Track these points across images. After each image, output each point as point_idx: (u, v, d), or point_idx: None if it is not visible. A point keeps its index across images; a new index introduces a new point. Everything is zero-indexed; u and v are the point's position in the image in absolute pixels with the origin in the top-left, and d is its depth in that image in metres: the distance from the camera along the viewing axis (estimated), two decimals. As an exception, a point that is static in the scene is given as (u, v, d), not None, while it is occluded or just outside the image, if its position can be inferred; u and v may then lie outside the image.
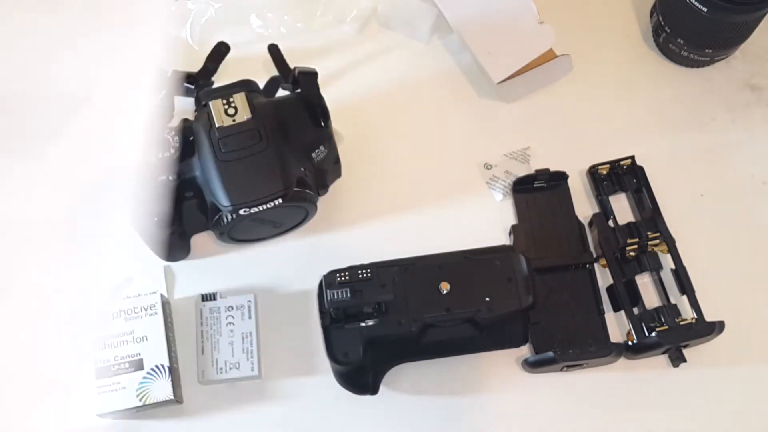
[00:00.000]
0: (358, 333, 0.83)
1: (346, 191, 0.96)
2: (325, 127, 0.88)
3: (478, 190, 0.97)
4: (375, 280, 0.81)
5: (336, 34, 1.03)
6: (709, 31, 0.95)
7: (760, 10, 0.92)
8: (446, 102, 1.01)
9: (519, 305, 0.83)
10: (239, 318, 0.90)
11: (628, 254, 0.92)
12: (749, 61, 1.02)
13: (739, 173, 0.98)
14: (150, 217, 0.85)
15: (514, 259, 0.85)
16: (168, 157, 0.85)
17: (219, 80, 0.95)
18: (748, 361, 0.90)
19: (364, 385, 0.86)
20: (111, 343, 0.86)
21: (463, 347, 0.88)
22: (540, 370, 0.88)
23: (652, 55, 1.03)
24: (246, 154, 0.83)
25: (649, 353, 0.89)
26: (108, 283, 0.92)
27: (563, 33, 0.98)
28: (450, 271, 0.84)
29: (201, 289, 0.91)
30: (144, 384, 0.85)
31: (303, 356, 0.90)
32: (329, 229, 0.95)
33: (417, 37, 1.03)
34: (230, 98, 0.84)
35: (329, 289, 0.80)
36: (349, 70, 1.01)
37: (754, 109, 1.00)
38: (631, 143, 0.97)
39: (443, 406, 0.89)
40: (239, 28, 1.02)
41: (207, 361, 0.89)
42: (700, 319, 0.88)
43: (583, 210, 0.95)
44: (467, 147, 0.98)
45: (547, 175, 0.95)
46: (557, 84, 1.01)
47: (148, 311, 0.88)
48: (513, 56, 0.97)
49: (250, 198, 0.83)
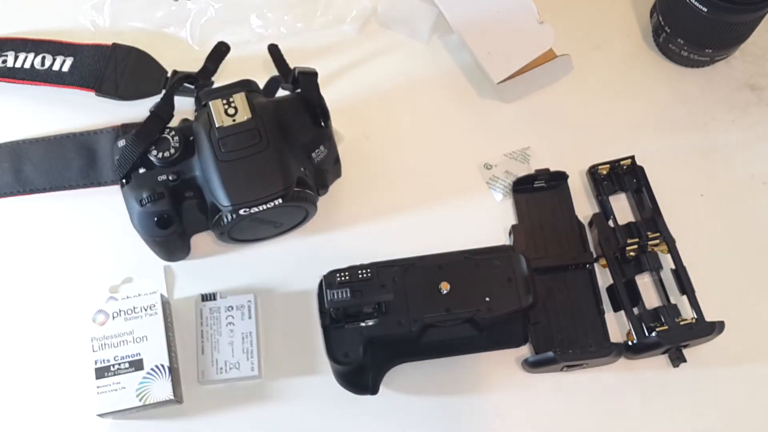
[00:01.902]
0: (358, 333, 0.83)
1: (346, 191, 0.96)
2: (325, 127, 0.88)
3: (478, 190, 0.97)
4: (375, 280, 0.81)
5: (336, 34, 1.03)
6: (709, 31, 0.95)
7: (760, 10, 0.92)
8: (446, 102, 1.01)
9: (519, 305, 0.83)
10: (239, 318, 0.90)
11: (628, 254, 0.92)
12: (749, 61, 1.02)
13: (739, 173, 0.98)
14: (150, 217, 0.85)
15: (514, 259, 0.85)
16: (168, 157, 0.85)
17: (219, 80, 0.96)
18: (748, 361, 0.90)
19: (364, 385, 0.86)
20: (111, 343, 0.87)
21: (463, 347, 0.88)
22: (540, 370, 0.88)
23: (652, 55, 1.03)
24: (246, 154, 0.83)
25: (649, 353, 0.89)
26: (108, 283, 0.92)
27: (563, 33, 0.98)
28: (450, 271, 0.84)
29: (201, 289, 0.91)
30: (144, 384, 0.85)
31: (303, 356, 0.90)
32: (329, 229, 0.95)
33: (417, 37, 1.03)
34: (230, 98, 0.84)
35: (329, 289, 0.80)
36: (349, 70, 1.01)
37: (754, 109, 1.00)
38: (631, 143, 0.97)
39: (443, 406, 0.89)
40: (239, 28, 1.02)
41: (207, 361, 0.89)
42: (700, 319, 0.88)
43: (583, 210, 0.95)
44: (467, 147, 0.98)
45: (547, 175, 0.95)
46: (557, 84, 1.01)
47: (148, 311, 0.88)
48: (513, 56, 0.97)
49: (250, 198, 0.83)
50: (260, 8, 1.03)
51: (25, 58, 0.99)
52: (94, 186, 0.96)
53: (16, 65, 0.99)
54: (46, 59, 0.99)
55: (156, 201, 0.85)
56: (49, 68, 0.99)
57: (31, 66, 0.99)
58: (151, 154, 0.85)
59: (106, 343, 0.87)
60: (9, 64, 0.99)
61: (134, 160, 0.85)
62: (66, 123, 0.98)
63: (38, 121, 0.99)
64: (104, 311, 0.88)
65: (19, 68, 0.99)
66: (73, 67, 0.99)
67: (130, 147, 0.85)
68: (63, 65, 0.99)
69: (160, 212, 0.85)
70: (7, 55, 1.00)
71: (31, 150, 0.97)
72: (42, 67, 0.99)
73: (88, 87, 0.98)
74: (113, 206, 0.92)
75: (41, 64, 0.99)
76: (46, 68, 0.99)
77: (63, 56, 0.99)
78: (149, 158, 0.85)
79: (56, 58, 0.99)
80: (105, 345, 0.86)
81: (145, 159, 0.86)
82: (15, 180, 0.96)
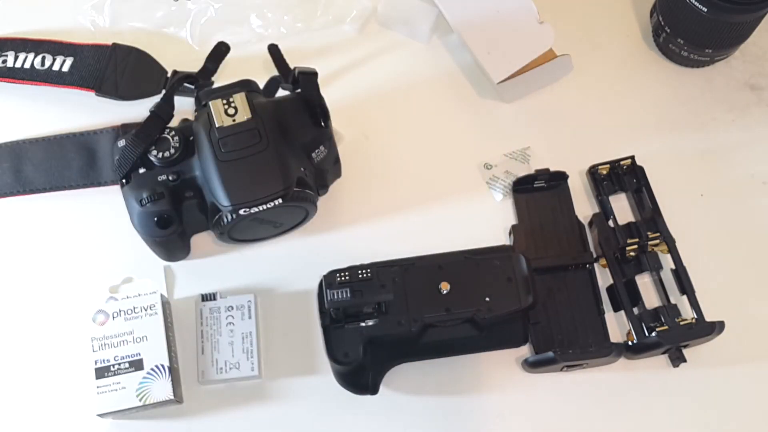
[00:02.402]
0: (358, 333, 0.83)
1: (346, 191, 0.96)
2: (325, 127, 0.88)
3: (478, 190, 0.97)
4: (375, 280, 0.81)
5: (336, 34, 1.03)
6: (709, 31, 0.95)
7: (760, 10, 0.92)
8: (446, 102, 1.01)
9: (519, 305, 0.83)
10: (239, 318, 0.90)
11: (628, 254, 0.92)
12: (749, 61, 1.02)
13: (739, 173, 0.98)
14: (150, 217, 0.85)
15: (514, 259, 0.85)
16: (168, 157, 0.85)
17: (219, 80, 0.96)
18: (748, 361, 0.90)
19: (364, 385, 0.86)
20: (111, 343, 0.87)
21: (463, 347, 0.88)
22: (540, 370, 0.88)
23: (652, 55, 1.03)
24: (246, 154, 0.83)
25: (649, 353, 0.89)
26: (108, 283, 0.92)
27: (563, 33, 0.98)
28: (450, 271, 0.84)
29: (201, 289, 0.91)
30: (144, 384, 0.85)
31: (303, 356, 0.90)
32: (329, 229, 0.95)
33: (417, 37, 1.03)
34: (230, 98, 0.84)
35: (329, 289, 0.80)
36: (349, 70, 1.01)
37: (754, 109, 1.00)
38: (631, 143, 0.97)
39: (443, 406, 0.89)
40: (239, 28, 1.02)
41: (207, 361, 0.89)
42: (700, 319, 0.88)
43: (583, 210, 0.95)
44: (467, 147, 0.98)
45: (547, 175, 0.95)
46: (557, 84, 1.01)
47: (148, 311, 0.88)
48: (513, 56, 0.97)
49: (250, 198, 0.83)
50: (260, 8, 1.03)
51: (25, 58, 0.99)
52: (94, 186, 0.96)
53: (16, 65, 0.99)
54: (46, 59, 0.99)
55: (156, 201, 0.85)
56: (49, 68, 0.99)
57: (31, 66, 0.99)
58: (151, 154, 0.85)
59: (106, 343, 0.87)
60: (9, 64, 0.99)
61: (134, 160, 0.85)
62: (66, 123, 0.98)
63: (38, 121, 0.99)
64: (104, 311, 0.88)
65: (19, 68, 0.99)
66: (73, 67, 0.99)
67: (130, 147, 0.85)
68: (63, 65, 0.99)
69: (160, 212, 0.85)
70: (7, 55, 1.00)
71: (31, 150, 0.97)
72: (42, 67, 0.99)
73: (88, 87, 0.98)
74: (113, 206, 0.92)
75: (41, 64, 0.99)
76: (46, 68, 0.99)
77: (63, 56, 0.99)
78: (149, 158, 0.85)
79: (56, 58, 0.99)
80: (105, 345, 0.86)
81: (145, 159, 0.86)
82: (15, 180, 0.96)
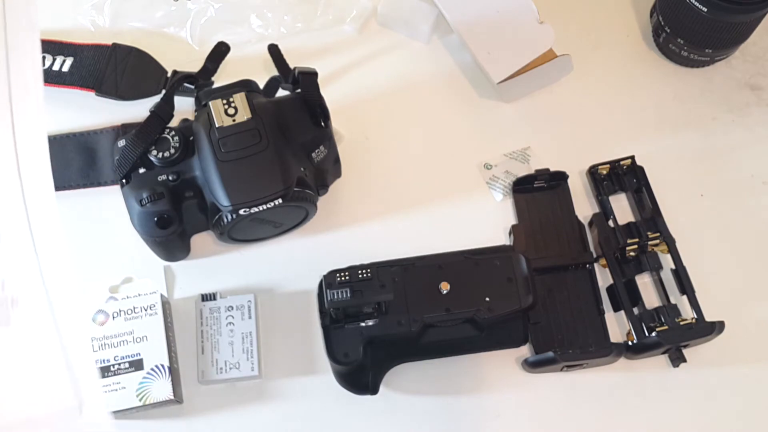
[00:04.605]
0: (358, 333, 0.83)
1: (346, 191, 0.96)
2: (325, 127, 0.88)
3: (478, 190, 0.97)
4: (375, 280, 0.81)
5: (336, 34, 1.03)
6: (709, 31, 0.95)
7: (760, 10, 0.92)
8: (446, 102, 1.01)
9: (519, 305, 0.83)
10: (239, 318, 0.90)
11: (628, 254, 0.92)
12: (749, 61, 1.02)
13: (739, 173, 0.98)
14: (150, 217, 0.85)
15: (514, 259, 0.85)
16: (168, 157, 0.85)
17: (219, 80, 0.96)
18: (748, 361, 0.90)
19: (364, 385, 0.86)
20: (111, 343, 0.87)
21: (463, 347, 0.88)
22: (540, 370, 0.88)
23: (652, 55, 1.03)
24: (246, 154, 0.83)
25: (649, 353, 0.89)
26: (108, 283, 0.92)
27: (563, 33, 0.98)
28: (450, 271, 0.84)
29: (201, 289, 0.91)
30: (144, 384, 0.85)
31: (303, 356, 0.90)
32: (329, 229, 0.95)
33: (417, 37, 1.03)
34: (230, 98, 0.85)
35: (329, 289, 0.80)
36: (349, 70, 1.01)
37: (754, 109, 1.00)
38: (631, 143, 0.97)
39: (443, 406, 0.89)
40: (239, 28, 1.02)
41: (207, 361, 0.89)
42: (700, 319, 0.88)
43: (583, 210, 0.95)
44: (467, 147, 0.98)
45: (547, 175, 0.95)
46: (557, 84, 1.01)
47: (148, 311, 0.88)
48: (513, 56, 0.97)
49: (250, 198, 0.83)
50: (260, 8, 1.03)
51: (25, 58, 1.00)
52: (94, 186, 0.96)
53: (16, 65, 0.99)
54: (46, 59, 0.99)
55: (156, 201, 0.85)
56: (49, 68, 0.99)
57: (31, 66, 0.99)
58: (151, 154, 0.85)
59: (106, 343, 0.87)
60: (9, 64, 0.99)
61: (134, 160, 0.85)
62: (66, 123, 0.98)
63: (38, 121, 0.99)
64: (104, 311, 0.88)
65: (19, 68, 0.99)
66: (73, 67, 0.99)
67: (130, 147, 0.85)
68: (63, 65, 0.99)
69: (160, 212, 0.85)
70: (7, 55, 1.00)
71: (31, 150, 0.97)
72: (42, 67, 0.99)
73: (88, 87, 0.98)
74: (113, 206, 0.92)
75: (41, 64, 0.99)
76: (46, 68, 0.99)
77: (63, 56, 0.99)
78: (149, 158, 0.85)
79: (56, 58, 0.99)
80: (105, 345, 0.87)
81: (145, 159, 0.86)
82: (15, 180, 0.96)
